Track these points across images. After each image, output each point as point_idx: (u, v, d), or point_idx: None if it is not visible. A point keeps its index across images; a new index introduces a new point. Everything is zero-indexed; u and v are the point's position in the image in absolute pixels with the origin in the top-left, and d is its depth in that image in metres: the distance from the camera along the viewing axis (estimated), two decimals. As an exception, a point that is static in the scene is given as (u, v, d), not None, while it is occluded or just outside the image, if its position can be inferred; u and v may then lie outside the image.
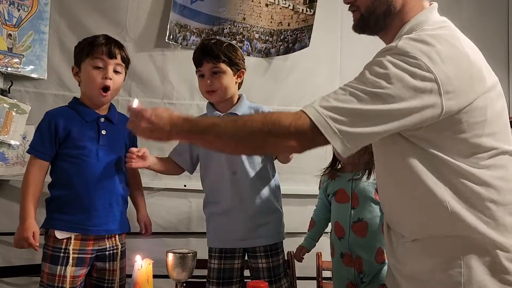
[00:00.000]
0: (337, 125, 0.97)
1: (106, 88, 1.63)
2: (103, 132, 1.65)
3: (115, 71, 1.66)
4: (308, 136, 0.99)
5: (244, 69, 1.79)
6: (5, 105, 2.02)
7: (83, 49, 1.65)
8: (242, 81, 1.81)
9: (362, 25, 1.18)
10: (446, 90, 0.96)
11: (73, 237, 1.57)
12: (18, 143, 2.04)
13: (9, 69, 2.05)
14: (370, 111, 0.96)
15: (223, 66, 1.71)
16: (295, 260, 1.97)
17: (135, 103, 1.25)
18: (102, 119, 1.67)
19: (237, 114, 1.69)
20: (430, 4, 1.14)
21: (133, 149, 1.67)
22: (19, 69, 2.07)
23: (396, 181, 1.11)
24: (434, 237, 1.06)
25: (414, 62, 0.97)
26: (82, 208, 1.58)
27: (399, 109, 0.96)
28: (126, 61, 1.71)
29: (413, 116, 0.97)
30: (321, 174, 1.89)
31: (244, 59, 1.81)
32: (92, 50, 1.62)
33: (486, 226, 1.01)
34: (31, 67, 2.10)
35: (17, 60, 2.07)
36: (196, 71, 1.77)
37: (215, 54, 1.71)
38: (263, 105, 1.82)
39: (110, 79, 1.63)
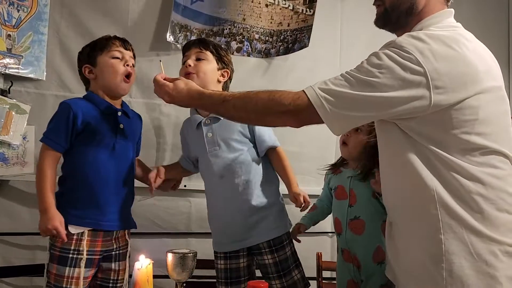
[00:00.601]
0: (330, 106, 1.07)
1: (128, 76, 1.66)
2: (121, 126, 1.64)
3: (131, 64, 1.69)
4: (304, 113, 1.11)
5: (230, 71, 1.79)
6: (5, 105, 2.02)
7: (95, 46, 1.67)
8: (226, 83, 1.80)
9: (384, 20, 1.24)
10: (435, 85, 1.02)
11: (86, 232, 1.55)
12: (18, 143, 2.04)
13: (8, 69, 2.05)
14: (359, 96, 1.05)
15: (209, 55, 1.73)
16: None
17: (161, 65, 1.50)
18: (120, 113, 1.66)
19: (220, 118, 1.69)
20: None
21: (153, 175, 1.71)
22: (18, 70, 2.07)
23: (394, 171, 1.17)
24: (422, 228, 1.10)
25: (407, 56, 1.04)
26: (95, 202, 1.57)
27: (386, 97, 1.03)
28: (135, 57, 1.75)
29: (399, 105, 1.04)
30: (326, 169, 1.88)
31: (232, 64, 1.82)
32: (107, 44, 1.66)
33: (472, 218, 1.05)
34: (30, 68, 2.10)
35: (16, 60, 2.07)
36: (182, 60, 1.78)
37: (204, 41, 1.75)
38: None
39: (131, 66, 1.67)
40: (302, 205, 1.70)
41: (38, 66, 2.12)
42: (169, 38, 2.23)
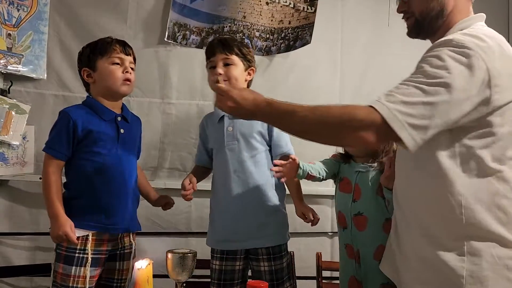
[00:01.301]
0: (406, 118, 1.00)
1: (127, 80, 1.66)
2: (122, 131, 1.65)
3: (131, 68, 1.68)
4: (381, 130, 1.02)
5: (255, 67, 1.82)
6: (4, 105, 2.02)
7: (95, 49, 1.66)
8: (251, 80, 1.84)
9: (418, 30, 1.24)
10: (495, 84, 1.01)
11: (90, 235, 1.57)
12: (18, 143, 2.04)
13: (8, 68, 2.05)
14: (436, 102, 1.00)
15: (235, 58, 1.74)
16: (295, 260, 1.96)
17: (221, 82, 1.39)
18: (119, 118, 1.67)
19: None
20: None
21: (188, 185, 1.71)
22: (18, 69, 2.07)
23: (422, 172, 1.14)
24: (440, 229, 1.09)
25: (470, 53, 1.02)
26: (100, 207, 1.58)
27: (459, 99, 1.01)
28: (135, 60, 1.74)
29: (470, 106, 1.02)
30: (336, 157, 1.83)
31: (254, 59, 1.84)
32: (107, 48, 1.65)
33: (496, 221, 1.04)
34: (30, 67, 2.10)
35: (16, 60, 2.07)
36: (206, 64, 1.79)
37: (228, 45, 1.74)
38: None
39: (130, 73, 1.66)
40: (311, 221, 1.73)
41: (38, 65, 2.12)
42: (168, 38, 2.22)
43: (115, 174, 1.61)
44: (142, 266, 1.60)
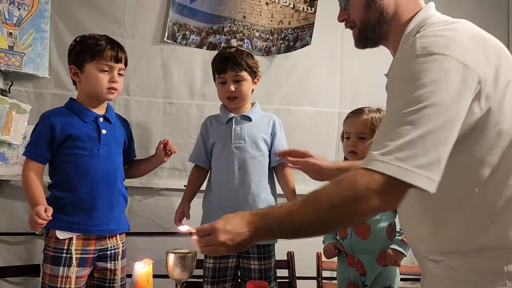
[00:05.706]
0: (409, 162, 0.86)
1: (113, 89, 1.66)
2: (104, 131, 1.66)
3: (119, 74, 1.68)
4: (387, 189, 0.87)
5: (260, 76, 1.88)
6: (5, 105, 2.02)
7: (86, 51, 1.64)
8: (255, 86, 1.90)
9: (363, 39, 1.16)
10: (483, 78, 0.90)
11: (74, 237, 1.58)
12: (18, 143, 2.04)
13: (10, 67, 2.05)
14: (433, 129, 0.86)
15: (245, 74, 1.81)
16: (295, 260, 1.97)
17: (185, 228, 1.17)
18: (101, 119, 1.67)
19: (251, 118, 1.81)
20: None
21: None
22: (21, 67, 2.07)
23: (448, 215, 1.01)
24: (470, 254, 0.97)
25: (442, 57, 0.89)
26: (83, 208, 1.59)
27: (454, 111, 0.88)
28: (127, 63, 1.74)
29: (463, 110, 0.89)
30: None
31: (259, 67, 1.89)
32: (98, 54, 1.63)
33: None
34: (33, 65, 2.10)
35: (18, 58, 2.07)
36: (216, 78, 1.84)
37: (238, 62, 1.79)
38: (274, 115, 1.90)
39: (117, 82, 1.66)
40: None
41: (41, 63, 2.13)
42: (168, 38, 2.23)
43: (97, 175, 1.62)
44: (142, 266, 1.60)
